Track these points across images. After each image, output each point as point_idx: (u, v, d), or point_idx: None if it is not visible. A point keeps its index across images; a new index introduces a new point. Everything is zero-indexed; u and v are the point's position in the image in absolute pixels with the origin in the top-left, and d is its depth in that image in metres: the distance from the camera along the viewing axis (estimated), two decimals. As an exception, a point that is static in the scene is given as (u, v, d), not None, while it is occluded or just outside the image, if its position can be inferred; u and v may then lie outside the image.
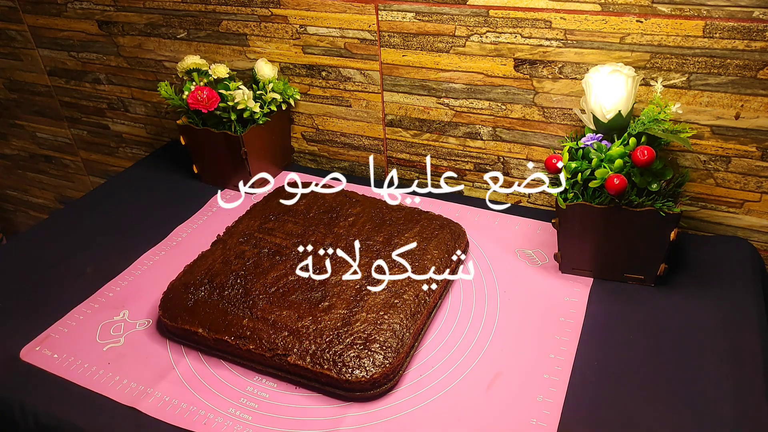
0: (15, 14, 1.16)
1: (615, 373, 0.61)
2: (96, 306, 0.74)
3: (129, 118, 1.20)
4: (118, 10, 1.05)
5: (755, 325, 0.65)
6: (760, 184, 0.75)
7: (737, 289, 0.70)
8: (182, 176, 0.99)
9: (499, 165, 0.89)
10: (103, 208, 0.94)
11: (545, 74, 0.79)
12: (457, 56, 0.82)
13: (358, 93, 0.93)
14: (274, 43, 0.94)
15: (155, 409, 0.60)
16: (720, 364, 0.61)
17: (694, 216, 0.80)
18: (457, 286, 0.74)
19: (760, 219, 0.77)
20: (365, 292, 0.66)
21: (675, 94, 0.73)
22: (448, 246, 0.74)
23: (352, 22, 0.87)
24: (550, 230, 0.80)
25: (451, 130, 0.89)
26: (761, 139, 0.72)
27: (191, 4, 0.97)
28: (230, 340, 0.63)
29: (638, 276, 0.71)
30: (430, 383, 0.62)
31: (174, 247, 0.83)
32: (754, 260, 0.75)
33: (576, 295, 0.71)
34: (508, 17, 0.77)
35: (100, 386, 0.63)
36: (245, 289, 0.68)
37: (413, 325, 0.64)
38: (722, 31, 0.68)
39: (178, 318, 0.66)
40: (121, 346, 0.68)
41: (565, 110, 0.80)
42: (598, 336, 0.65)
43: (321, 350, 0.60)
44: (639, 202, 0.64)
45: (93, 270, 0.79)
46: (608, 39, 0.73)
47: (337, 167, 1.03)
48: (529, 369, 0.62)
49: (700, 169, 0.77)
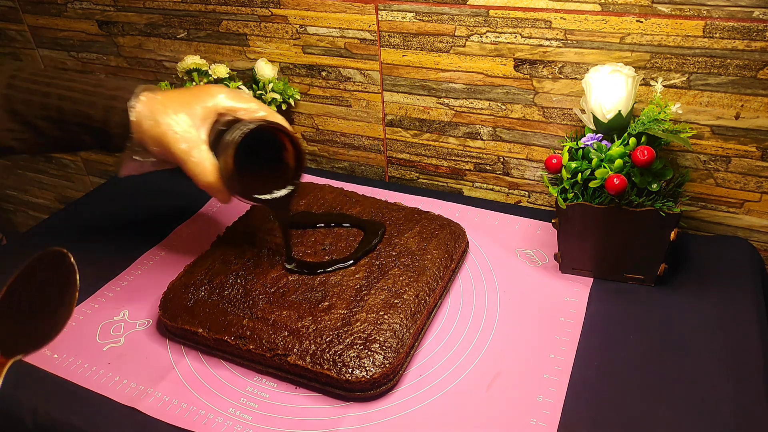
0: (15, 14, 1.16)
1: (615, 373, 0.61)
2: (96, 306, 0.74)
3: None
4: (118, 10, 1.05)
5: (755, 325, 0.65)
6: (760, 184, 0.75)
7: (737, 289, 0.70)
8: (182, 176, 0.99)
9: (499, 165, 0.89)
10: (103, 208, 0.94)
11: (545, 74, 0.79)
12: (457, 56, 0.82)
13: (358, 93, 0.93)
14: (274, 43, 0.94)
15: (155, 409, 0.60)
16: (720, 364, 0.61)
17: (694, 216, 0.80)
18: (457, 286, 0.74)
19: (760, 219, 0.77)
20: (365, 292, 0.66)
21: (675, 94, 0.73)
22: (448, 246, 0.74)
23: (352, 22, 0.87)
24: (550, 230, 0.80)
25: (451, 130, 0.89)
26: (761, 139, 0.72)
27: (191, 4, 0.97)
28: (230, 340, 0.63)
29: (638, 276, 0.71)
30: (430, 383, 0.62)
31: (174, 247, 0.83)
32: (754, 260, 0.75)
33: (576, 295, 0.71)
34: (508, 17, 0.77)
35: (100, 386, 0.63)
36: (245, 289, 0.68)
37: (413, 325, 0.64)
38: (722, 31, 0.68)
39: (178, 318, 0.66)
40: (121, 346, 0.68)
41: (565, 110, 0.80)
42: (598, 336, 0.65)
43: (321, 350, 0.60)
44: (639, 202, 0.64)
45: (92, 271, 0.79)
46: (608, 39, 0.73)
47: (337, 167, 1.03)
48: (529, 369, 0.62)
49: (700, 169, 0.77)
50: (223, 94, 0.59)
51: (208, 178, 0.58)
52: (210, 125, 0.59)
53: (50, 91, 0.56)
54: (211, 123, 0.59)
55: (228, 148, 0.57)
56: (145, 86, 0.58)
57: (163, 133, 0.56)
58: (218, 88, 0.59)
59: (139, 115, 0.56)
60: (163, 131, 0.56)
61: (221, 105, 0.58)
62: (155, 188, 0.98)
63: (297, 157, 0.64)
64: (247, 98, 0.60)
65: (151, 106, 0.57)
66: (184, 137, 0.57)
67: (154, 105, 0.57)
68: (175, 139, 0.57)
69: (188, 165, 0.58)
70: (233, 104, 0.59)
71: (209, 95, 0.58)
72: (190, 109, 0.57)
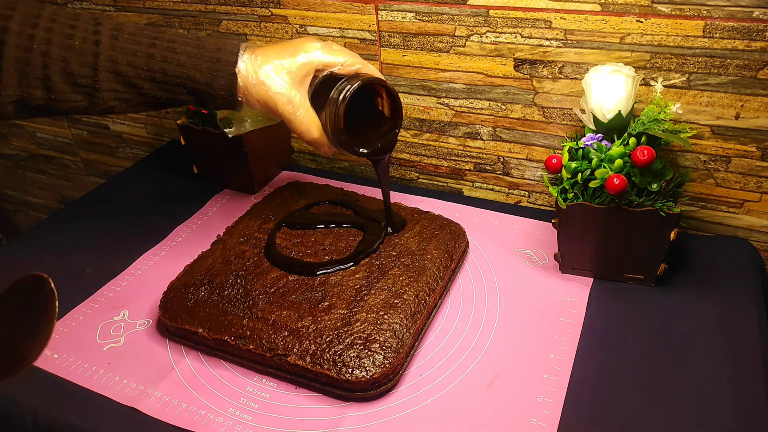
0: (15, 14, 1.16)
1: (615, 373, 0.61)
2: (96, 306, 0.74)
3: (129, 118, 1.20)
4: (118, 10, 1.05)
5: (755, 325, 0.65)
6: (760, 184, 0.75)
7: (737, 289, 0.70)
8: (182, 176, 0.99)
9: (499, 165, 0.89)
10: (103, 208, 0.94)
11: (545, 74, 0.79)
12: (457, 56, 0.82)
13: (358, 93, 0.93)
14: (274, 43, 0.94)
15: (155, 409, 0.60)
16: (720, 364, 0.61)
17: (694, 216, 0.80)
18: (457, 286, 0.74)
19: (760, 219, 0.77)
20: (365, 292, 0.66)
21: (675, 94, 0.73)
22: (448, 246, 0.74)
23: (352, 22, 0.87)
24: (550, 230, 0.80)
25: (451, 130, 0.89)
26: (761, 139, 0.72)
27: (191, 4, 0.97)
28: (230, 340, 0.63)
29: (638, 276, 0.71)
30: (430, 383, 0.62)
31: (174, 247, 0.83)
32: (754, 260, 0.75)
33: (576, 295, 0.71)
34: (508, 17, 0.77)
35: (100, 386, 0.63)
36: (245, 289, 0.68)
37: (413, 325, 0.64)
38: (722, 31, 0.68)
39: (178, 318, 0.66)
40: (121, 346, 0.68)
41: (565, 110, 0.80)
42: (598, 336, 0.65)
43: (321, 350, 0.60)
44: (639, 202, 0.64)
45: (92, 271, 0.79)
46: (608, 39, 0.73)
47: (337, 167, 1.03)
48: (529, 369, 0.62)
49: (700, 169, 0.77)
50: (319, 50, 0.61)
51: (313, 135, 0.62)
52: (309, 81, 0.61)
53: (154, 52, 0.57)
54: (310, 79, 0.61)
55: (332, 106, 0.60)
56: (246, 44, 0.60)
57: (269, 96, 0.59)
58: (313, 44, 0.61)
59: (244, 78, 0.58)
60: (268, 94, 0.59)
61: (318, 60, 0.61)
62: (155, 188, 0.98)
63: (393, 107, 0.66)
64: (342, 51, 0.62)
65: (255, 67, 0.59)
66: (288, 98, 0.59)
67: (256, 66, 0.59)
68: (281, 101, 0.59)
69: (294, 124, 0.61)
70: (330, 59, 0.61)
71: (306, 52, 0.60)
72: (290, 67, 0.60)
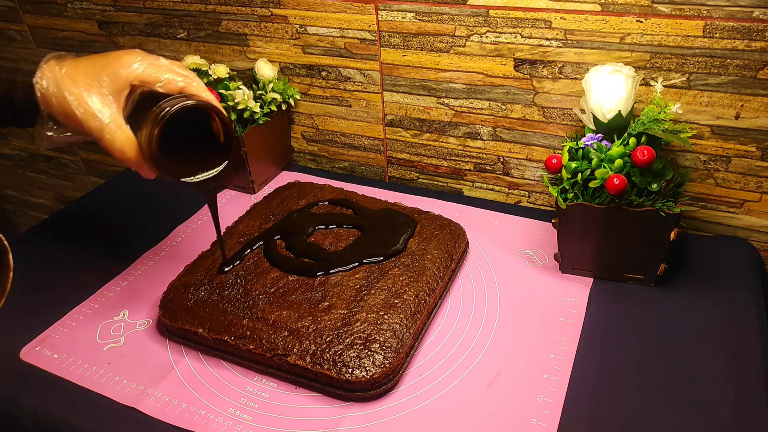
0: (15, 14, 1.16)
1: (615, 373, 0.61)
2: (96, 306, 0.74)
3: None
4: (118, 10, 1.05)
5: (755, 325, 0.65)
6: (760, 184, 0.75)
7: (737, 289, 0.70)
8: (182, 176, 0.99)
9: (499, 165, 0.89)
10: (103, 208, 0.94)
11: (545, 74, 0.79)
12: (457, 56, 0.82)
13: (358, 93, 0.93)
14: (274, 43, 0.94)
15: (155, 409, 0.60)
16: (720, 364, 0.61)
17: (694, 216, 0.80)
18: (457, 286, 0.74)
19: (760, 219, 0.77)
20: (365, 292, 0.66)
21: (675, 94, 0.73)
22: (448, 246, 0.74)
23: (352, 22, 0.87)
24: (550, 230, 0.80)
25: (451, 130, 0.89)
26: (761, 139, 0.72)
27: (191, 4, 0.97)
28: (230, 340, 0.63)
29: (638, 276, 0.71)
30: (430, 383, 0.62)
31: (174, 247, 0.83)
32: (754, 260, 0.75)
33: (576, 295, 0.71)
34: (508, 17, 0.77)
35: (100, 386, 0.63)
36: (245, 289, 0.68)
37: (413, 325, 0.64)
38: (722, 31, 0.68)
39: (178, 318, 0.66)
40: (121, 346, 0.68)
41: (565, 110, 0.80)
42: (598, 336, 0.65)
43: (321, 350, 0.60)
44: (639, 202, 0.64)
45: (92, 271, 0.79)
46: (608, 39, 0.73)
47: (337, 167, 1.03)
48: (529, 369, 0.62)
49: (700, 169, 0.77)
50: (137, 63, 0.54)
51: (127, 155, 0.54)
52: (125, 97, 0.55)
53: None
54: (125, 95, 0.55)
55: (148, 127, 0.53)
56: (52, 55, 0.54)
57: (71, 109, 0.52)
58: (131, 56, 0.54)
59: (45, 90, 0.52)
60: (71, 107, 0.52)
61: (135, 75, 0.54)
62: (155, 188, 0.98)
63: (227, 133, 0.58)
64: (164, 67, 0.55)
65: (56, 78, 0.52)
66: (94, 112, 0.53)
67: (60, 78, 0.52)
68: (87, 115, 0.53)
69: (104, 141, 0.54)
70: (148, 76, 0.54)
71: (121, 65, 0.54)
72: (100, 80, 0.53)
